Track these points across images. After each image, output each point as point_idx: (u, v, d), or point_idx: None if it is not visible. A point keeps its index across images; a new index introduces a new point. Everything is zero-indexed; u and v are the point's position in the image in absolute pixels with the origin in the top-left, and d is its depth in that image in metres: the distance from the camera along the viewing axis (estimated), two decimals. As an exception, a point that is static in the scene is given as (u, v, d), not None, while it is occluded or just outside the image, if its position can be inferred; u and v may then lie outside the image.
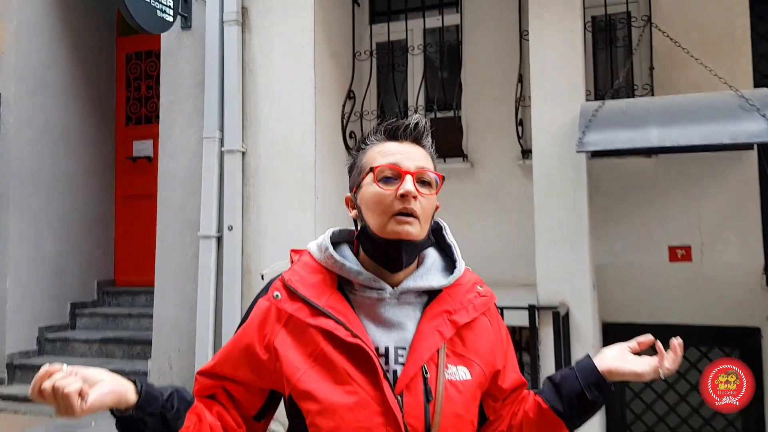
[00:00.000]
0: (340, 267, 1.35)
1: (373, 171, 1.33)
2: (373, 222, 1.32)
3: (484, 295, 1.43)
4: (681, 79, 4.42)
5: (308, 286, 1.33)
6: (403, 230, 1.29)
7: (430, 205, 1.34)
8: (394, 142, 1.37)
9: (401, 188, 1.29)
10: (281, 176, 4.39)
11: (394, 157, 1.33)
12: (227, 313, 4.37)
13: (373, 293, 1.34)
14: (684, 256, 4.52)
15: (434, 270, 1.41)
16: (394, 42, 5.14)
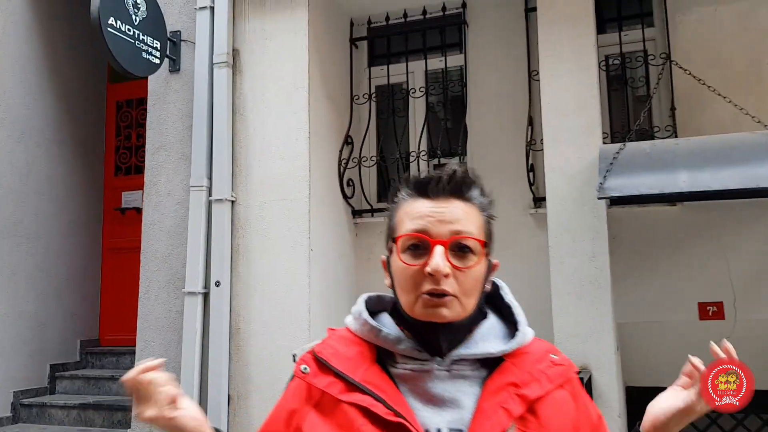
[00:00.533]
0: (377, 334, 1.18)
1: (397, 242, 1.16)
2: (403, 300, 1.16)
3: (560, 364, 1.20)
4: (704, 120, 4.12)
5: (342, 358, 1.18)
6: (436, 314, 1.11)
7: (470, 280, 1.14)
8: (426, 199, 1.16)
9: (429, 265, 1.10)
10: (273, 227, 4.06)
11: (423, 222, 1.14)
12: (214, 376, 4.01)
13: (418, 365, 1.15)
14: (715, 313, 4.14)
15: (491, 336, 1.20)
16: (395, 85, 4.87)
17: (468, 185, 1.18)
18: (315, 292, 4.01)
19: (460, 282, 1.12)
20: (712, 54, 4.17)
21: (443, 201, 1.15)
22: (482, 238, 1.16)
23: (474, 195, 1.18)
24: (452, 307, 1.11)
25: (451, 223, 1.13)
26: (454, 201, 1.16)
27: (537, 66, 4.14)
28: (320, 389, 1.16)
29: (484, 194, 1.21)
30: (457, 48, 4.84)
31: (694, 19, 4.26)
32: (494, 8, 4.70)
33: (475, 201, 1.18)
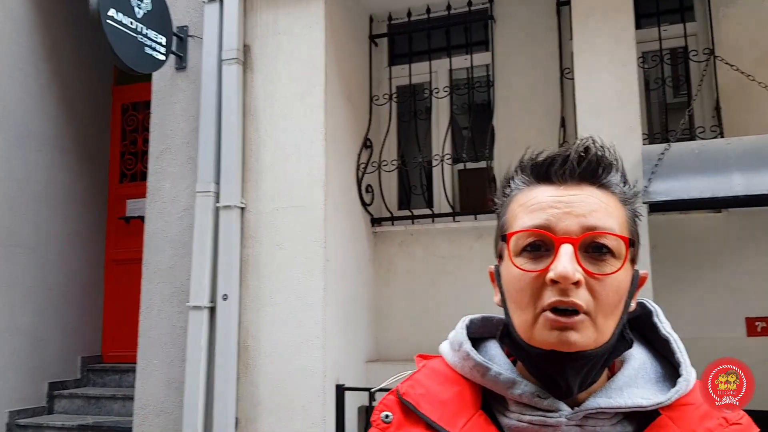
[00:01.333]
0: (484, 373, 0.90)
1: (507, 241, 0.87)
2: (516, 320, 0.87)
3: (735, 423, 0.87)
4: (751, 119, 3.83)
5: (437, 403, 0.90)
6: (563, 339, 0.80)
7: (610, 292, 0.82)
8: (548, 186, 0.88)
9: (552, 269, 0.81)
10: (286, 236, 3.76)
11: (544, 214, 0.85)
12: (220, 398, 3.71)
13: (539, 416, 0.85)
14: (765, 329, 3.83)
15: (641, 380, 0.89)
16: (416, 85, 4.59)
17: (606, 168, 0.88)
18: (331, 307, 3.70)
19: (596, 294, 0.81)
20: (760, 50, 3.87)
21: (572, 187, 0.86)
22: (626, 236, 0.85)
23: (614, 181, 0.89)
24: (584, 329, 0.81)
25: (584, 216, 0.83)
26: (586, 187, 0.87)
27: (569, 63, 3.87)
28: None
29: (626, 181, 0.91)
30: (484, 46, 4.55)
31: (740, 13, 3.96)
32: (523, 3, 4.41)
33: (616, 189, 0.89)
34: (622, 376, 0.89)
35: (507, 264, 0.88)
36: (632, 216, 0.90)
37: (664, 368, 0.94)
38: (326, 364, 3.62)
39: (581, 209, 0.84)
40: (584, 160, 0.87)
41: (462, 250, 4.24)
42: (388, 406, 0.93)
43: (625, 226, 0.87)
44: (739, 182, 3.06)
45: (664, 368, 0.94)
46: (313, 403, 3.59)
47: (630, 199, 0.90)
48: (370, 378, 4.09)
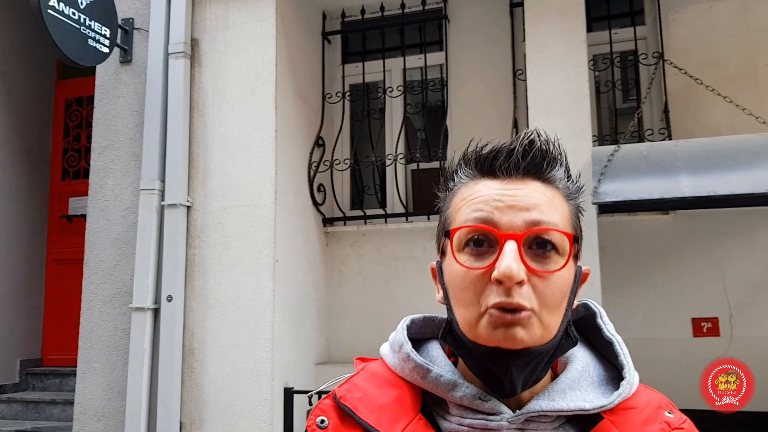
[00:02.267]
0: (424, 375, 0.87)
1: (450, 237, 0.84)
2: (460, 318, 0.83)
3: (678, 427, 0.85)
4: (698, 122, 3.90)
5: (375, 407, 0.86)
6: (508, 336, 0.78)
7: (555, 289, 0.80)
8: (492, 180, 0.85)
9: (496, 268, 0.78)
10: (234, 235, 3.66)
11: (488, 209, 0.82)
12: (164, 402, 3.60)
13: (480, 419, 0.83)
14: (710, 329, 3.90)
15: (584, 382, 0.88)
16: (370, 84, 4.53)
17: (551, 162, 0.85)
18: (280, 309, 3.62)
19: (541, 292, 0.79)
20: (708, 53, 3.95)
21: (517, 181, 0.84)
22: (570, 232, 0.83)
23: (558, 175, 0.86)
24: (529, 326, 0.78)
25: (528, 211, 0.81)
26: (531, 182, 0.84)
27: (522, 64, 3.87)
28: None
29: (570, 176, 0.88)
30: (438, 45, 4.52)
31: (688, 17, 4.03)
32: (477, 3, 4.41)
33: (560, 184, 0.86)
34: (565, 378, 0.87)
35: (450, 260, 0.85)
36: (576, 211, 0.88)
37: (607, 371, 0.92)
38: (274, 367, 3.53)
39: (525, 203, 0.81)
40: (529, 153, 0.84)
41: (415, 250, 4.20)
42: (324, 410, 0.89)
43: (569, 221, 0.85)
44: (686, 184, 3.10)
45: (607, 371, 0.92)
46: (260, 407, 3.51)
47: (574, 194, 0.88)
48: (319, 380, 4.01)
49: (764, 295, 3.78)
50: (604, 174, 3.22)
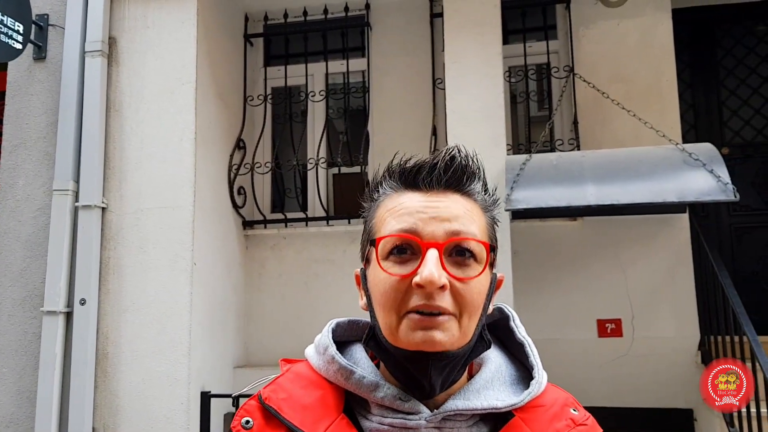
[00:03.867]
0: (348, 377, 0.91)
1: (376, 246, 0.88)
2: (382, 322, 0.88)
3: (582, 423, 0.93)
4: (605, 134, 4.11)
5: (299, 408, 0.89)
6: (428, 339, 0.83)
7: (472, 294, 0.86)
8: (415, 192, 0.91)
9: (418, 274, 0.83)
10: (151, 238, 3.62)
11: (411, 219, 0.87)
12: (76, 407, 3.51)
13: (400, 419, 0.88)
14: (614, 330, 4.10)
15: (497, 382, 0.94)
16: (292, 87, 4.55)
17: (470, 176, 0.92)
18: (198, 312, 3.60)
19: (460, 297, 0.85)
20: (614, 69, 4.16)
21: (438, 194, 0.90)
22: (487, 241, 0.90)
23: (476, 189, 0.93)
24: (448, 329, 0.84)
25: (449, 221, 0.87)
26: (451, 194, 0.90)
27: (442, 74, 3.97)
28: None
29: (487, 189, 0.95)
30: (360, 51, 4.59)
31: (597, 34, 4.24)
32: (399, 12, 4.50)
33: (478, 197, 0.93)
34: (480, 378, 0.93)
35: (374, 267, 0.89)
36: (492, 222, 0.95)
37: (519, 370, 0.99)
38: (191, 371, 3.51)
39: (446, 214, 0.87)
40: (450, 168, 0.90)
41: (335, 254, 4.25)
42: (249, 411, 0.92)
43: (486, 232, 0.92)
44: (592, 192, 3.26)
45: (519, 370, 0.99)
46: (176, 411, 3.48)
47: (490, 207, 0.95)
48: (238, 384, 4.01)
49: (663, 297, 4.01)
50: (516, 182, 3.36)
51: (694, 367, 4.04)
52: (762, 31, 4.92)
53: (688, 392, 4.13)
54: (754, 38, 4.92)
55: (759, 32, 4.93)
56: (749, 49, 4.91)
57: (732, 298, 3.29)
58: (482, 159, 2.97)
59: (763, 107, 4.84)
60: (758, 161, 4.82)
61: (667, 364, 4.05)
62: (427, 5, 4.43)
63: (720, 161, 3.12)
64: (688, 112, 4.91)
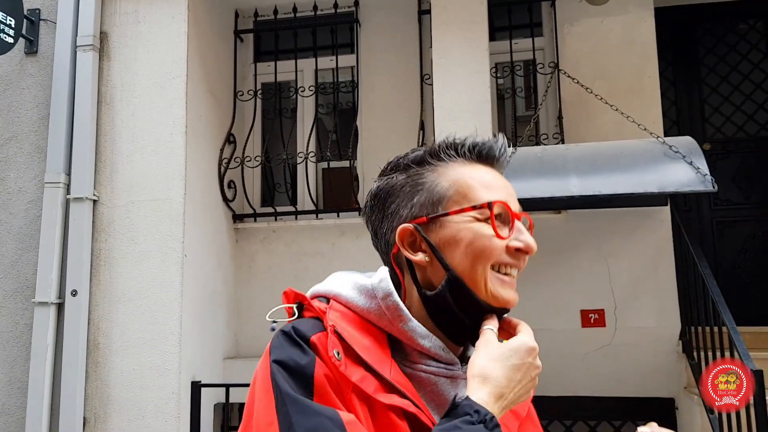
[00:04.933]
0: (403, 324, 0.95)
1: (490, 208, 0.95)
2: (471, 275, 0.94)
3: None
4: (589, 128, 4.17)
5: (362, 347, 0.91)
6: (511, 296, 0.96)
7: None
8: (485, 166, 1.01)
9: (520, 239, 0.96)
10: (142, 230, 3.67)
11: (503, 192, 0.99)
12: (67, 397, 3.56)
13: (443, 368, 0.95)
14: (597, 320, 4.17)
15: None
16: (282, 83, 4.60)
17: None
18: (188, 304, 3.65)
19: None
20: (598, 65, 4.24)
21: (497, 171, 1.03)
22: None
23: None
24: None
25: (515, 198, 1.00)
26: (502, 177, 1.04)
27: (430, 70, 4.04)
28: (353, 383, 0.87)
29: None
30: (349, 48, 4.65)
31: (582, 31, 4.32)
32: (387, 9, 4.56)
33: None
34: None
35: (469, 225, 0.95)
36: None
37: None
38: (182, 361, 3.56)
39: (513, 191, 1.01)
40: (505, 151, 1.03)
41: (324, 247, 4.31)
42: (334, 344, 0.89)
43: None
44: (575, 184, 3.34)
45: None
46: (167, 401, 3.53)
47: None
48: (227, 374, 4.06)
49: (645, 288, 4.09)
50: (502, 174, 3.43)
51: (675, 357, 4.13)
52: (743, 30, 5.03)
53: (670, 381, 4.22)
54: (735, 36, 5.02)
55: (740, 31, 5.03)
56: (730, 47, 5.01)
57: (711, 288, 3.36)
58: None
59: (744, 104, 4.95)
60: (739, 157, 4.92)
61: (649, 353, 4.13)
62: (415, 2, 4.50)
63: (699, 153, 3.21)
64: (670, 109, 5.00)
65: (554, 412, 4.42)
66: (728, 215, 4.91)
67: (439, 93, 3.84)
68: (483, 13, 3.89)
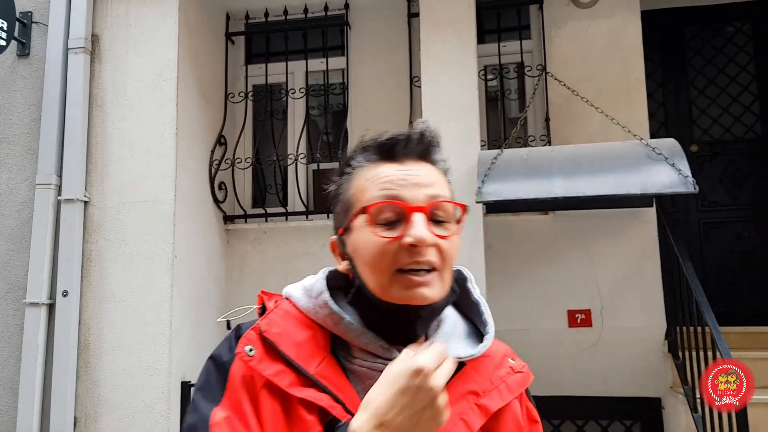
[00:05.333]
0: (337, 322, 0.99)
1: (367, 212, 0.96)
2: (372, 281, 0.97)
3: (519, 371, 1.08)
4: (576, 132, 4.21)
5: (292, 343, 0.97)
6: (417, 294, 0.94)
7: (452, 250, 0.98)
8: (391, 163, 1.01)
9: (409, 235, 0.93)
10: (133, 231, 3.70)
11: (395, 188, 0.97)
12: (58, 397, 3.58)
13: (380, 363, 0.96)
14: (583, 320, 4.21)
15: (456, 336, 1.06)
16: (273, 85, 4.63)
17: (435, 147, 1.04)
18: (178, 305, 3.68)
19: (443, 254, 0.96)
20: (585, 68, 4.28)
21: (413, 164, 1.00)
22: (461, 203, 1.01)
23: (440, 158, 1.05)
24: (434, 285, 0.95)
25: (428, 187, 0.98)
26: (423, 164, 1.01)
27: (419, 72, 4.07)
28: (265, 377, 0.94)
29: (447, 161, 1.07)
30: (340, 50, 4.68)
31: (569, 34, 4.36)
32: (377, 12, 4.60)
33: (441, 165, 1.05)
34: (441, 332, 1.03)
35: (360, 232, 0.97)
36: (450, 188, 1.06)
37: (470, 327, 1.10)
38: (172, 362, 3.59)
39: (425, 181, 0.98)
40: (422, 140, 1.01)
41: (314, 248, 4.34)
42: (251, 340, 0.97)
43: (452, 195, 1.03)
44: (559, 185, 3.38)
45: (470, 327, 1.10)
46: (157, 401, 3.56)
47: (447, 173, 1.07)
48: (218, 374, 4.09)
49: (631, 289, 4.12)
50: (488, 175, 3.48)
51: (661, 357, 4.18)
52: (730, 33, 5.09)
53: (656, 381, 4.27)
54: (723, 39, 5.08)
55: (727, 33, 5.09)
56: (718, 50, 5.07)
57: (695, 288, 3.41)
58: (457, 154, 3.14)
59: (731, 106, 5.00)
60: (726, 158, 4.98)
61: (635, 353, 4.18)
62: (404, 5, 4.54)
63: (682, 156, 3.25)
64: (658, 110, 5.06)
65: (542, 411, 4.42)
66: (715, 216, 4.96)
67: (427, 95, 3.89)
68: (471, 15, 3.93)
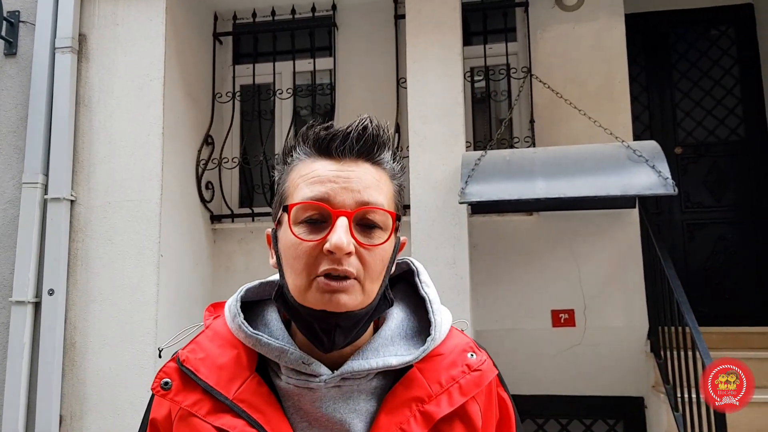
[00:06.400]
0: (255, 343, 0.96)
1: (288, 211, 0.91)
2: (291, 283, 0.92)
3: (477, 368, 0.99)
4: (560, 132, 4.26)
5: (214, 368, 0.95)
6: (334, 301, 0.88)
7: (377, 260, 0.92)
8: (328, 160, 0.94)
9: (329, 240, 0.88)
10: (119, 230, 3.71)
11: (323, 188, 0.91)
12: (44, 395, 3.59)
13: (303, 380, 0.94)
14: (567, 320, 4.25)
15: (397, 339, 0.99)
16: (261, 85, 4.66)
17: (381, 146, 0.96)
18: (164, 304, 3.70)
19: (366, 262, 0.90)
20: (570, 70, 4.32)
21: (350, 163, 0.94)
22: (393, 210, 0.95)
23: (386, 158, 0.97)
24: (353, 292, 0.89)
25: (359, 192, 0.91)
26: (362, 164, 0.94)
27: (405, 73, 4.11)
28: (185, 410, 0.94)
29: (395, 158, 1.00)
30: (327, 51, 4.72)
31: (554, 36, 4.40)
32: (364, 13, 4.63)
33: (387, 165, 0.98)
34: (380, 336, 0.98)
35: (286, 231, 0.92)
36: (399, 190, 1.00)
37: (420, 323, 1.03)
38: (158, 360, 3.61)
39: (357, 185, 0.91)
40: (362, 138, 0.94)
41: (301, 247, 4.36)
42: (168, 372, 0.97)
43: (393, 200, 0.97)
44: (541, 186, 3.41)
45: (420, 323, 1.03)
46: (143, 399, 3.57)
47: (397, 174, 1.00)
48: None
49: (614, 289, 4.17)
50: (471, 176, 3.51)
51: (643, 356, 4.22)
52: (714, 36, 5.14)
53: (639, 380, 4.31)
54: (707, 42, 5.14)
55: (711, 37, 5.15)
56: (702, 53, 5.13)
57: (676, 289, 3.45)
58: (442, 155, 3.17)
59: (715, 109, 5.06)
60: (710, 160, 5.03)
61: (618, 353, 4.22)
62: (391, 7, 4.57)
63: (662, 158, 3.30)
64: (643, 113, 5.11)
65: (526, 410, 4.51)
66: (699, 218, 5.02)
67: (413, 96, 3.92)
68: (456, 17, 3.97)
